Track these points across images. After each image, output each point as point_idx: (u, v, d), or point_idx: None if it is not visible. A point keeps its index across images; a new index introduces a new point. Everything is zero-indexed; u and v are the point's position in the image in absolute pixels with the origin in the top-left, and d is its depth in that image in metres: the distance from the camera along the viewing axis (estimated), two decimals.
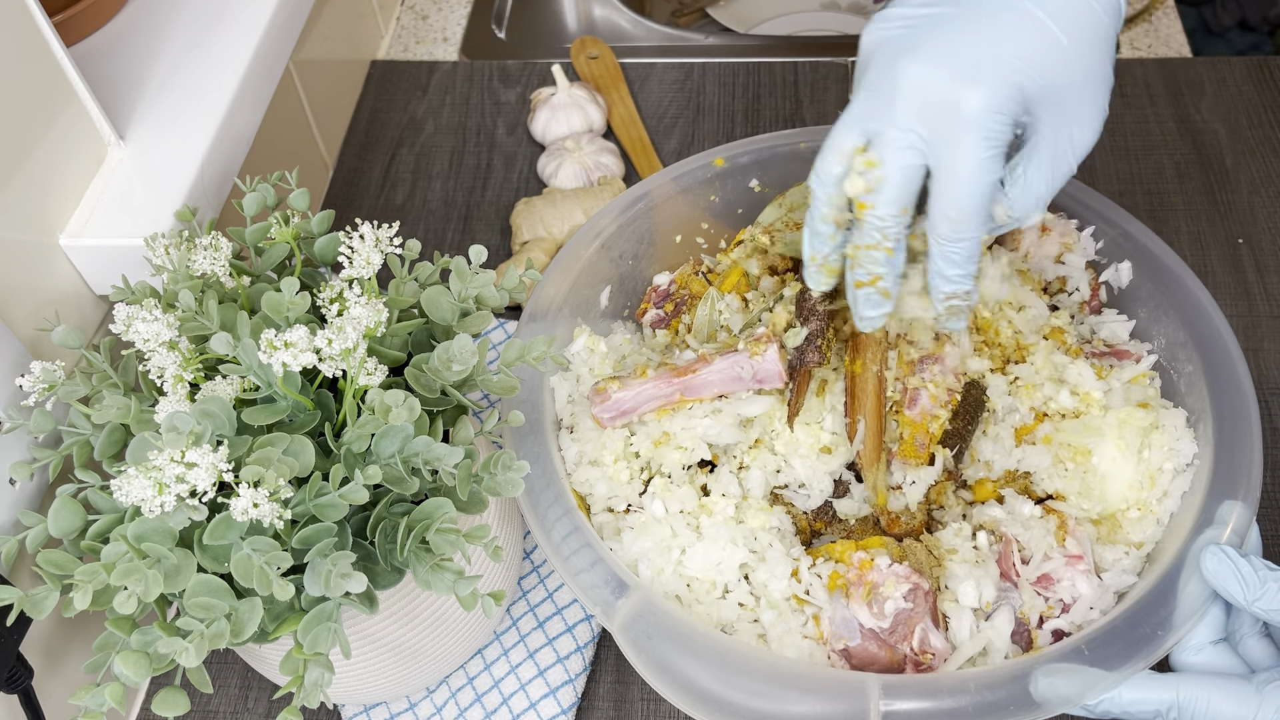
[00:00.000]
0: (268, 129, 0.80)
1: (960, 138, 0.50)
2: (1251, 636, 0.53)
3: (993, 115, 0.49)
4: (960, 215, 0.51)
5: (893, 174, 0.51)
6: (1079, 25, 0.49)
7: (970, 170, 0.50)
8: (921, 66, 0.50)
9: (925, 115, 0.50)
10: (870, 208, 0.53)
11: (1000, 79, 0.49)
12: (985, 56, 0.49)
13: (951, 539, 0.59)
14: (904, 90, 0.50)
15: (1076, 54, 0.49)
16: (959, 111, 0.49)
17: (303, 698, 0.46)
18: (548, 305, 0.68)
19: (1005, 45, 0.49)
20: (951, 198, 0.51)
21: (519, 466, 0.51)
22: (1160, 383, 0.67)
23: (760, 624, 0.58)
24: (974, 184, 0.50)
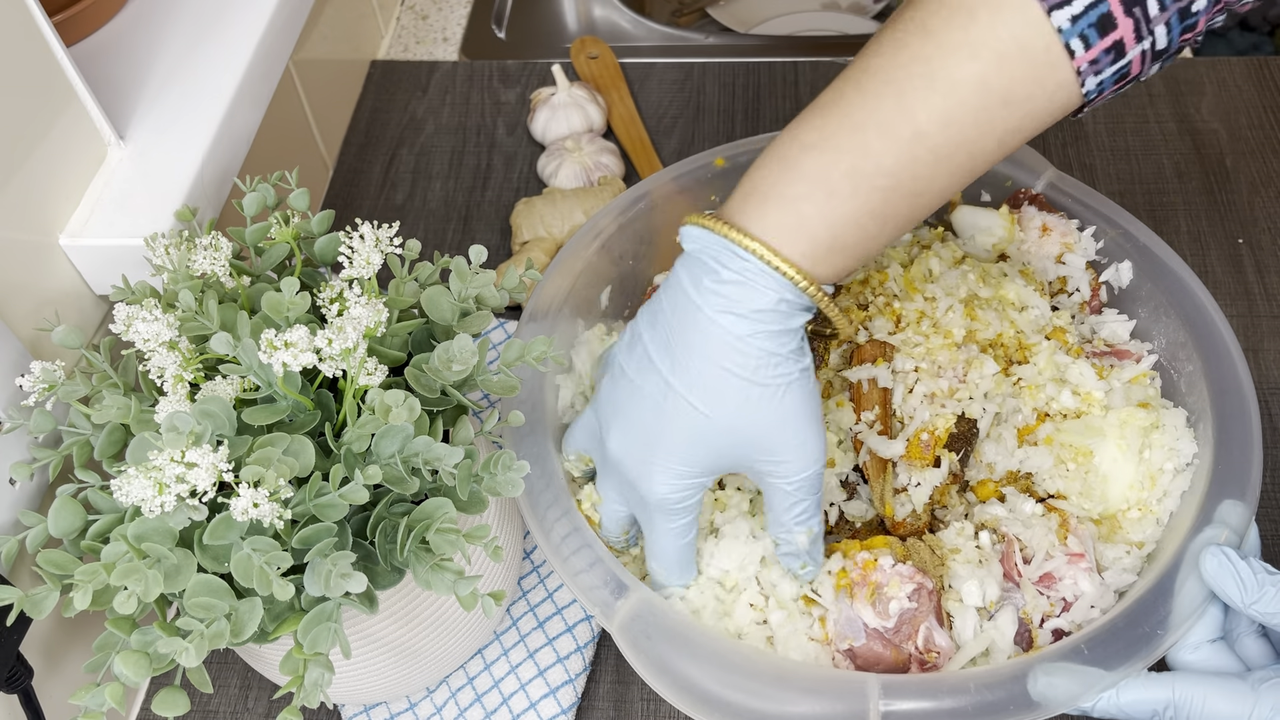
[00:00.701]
0: (268, 129, 0.80)
1: (651, 515, 0.56)
2: (1248, 635, 0.53)
3: (674, 496, 0.55)
4: (659, 569, 0.59)
5: (611, 513, 0.60)
6: (724, 403, 0.52)
7: (663, 538, 0.57)
8: (614, 436, 0.56)
9: (623, 492, 0.58)
10: (597, 525, 0.61)
11: (677, 466, 0.54)
12: (659, 446, 0.54)
13: (954, 539, 0.59)
14: (608, 465, 0.57)
15: (731, 427, 0.52)
16: (647, 497, 0.55)
17: (303, 698, 0.46)
18: (548, 305, 0.68)
19: (673, 433, 0.53)
20: (652, 552, 0.58)
21: (519, 466, 0.51)
22: (1160, 382, 0.67)
23: (768, 626, 0.58)
24: (669, 547, 0.57)
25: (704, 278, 0.51)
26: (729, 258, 0.51)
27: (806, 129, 0.52)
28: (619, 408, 0.55)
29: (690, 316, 0.52)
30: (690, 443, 0.53)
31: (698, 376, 0.52)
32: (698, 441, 0.53)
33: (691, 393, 0.52)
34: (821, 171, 0.50)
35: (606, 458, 0.57)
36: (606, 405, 0.57)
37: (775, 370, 0.51)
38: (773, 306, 0.50)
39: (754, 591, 0.59)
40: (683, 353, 0.52)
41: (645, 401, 0.54)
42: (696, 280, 0.52)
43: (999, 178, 0.75)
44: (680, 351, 0.52)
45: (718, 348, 0.51)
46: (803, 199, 0.50)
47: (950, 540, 0.59)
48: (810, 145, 0.51)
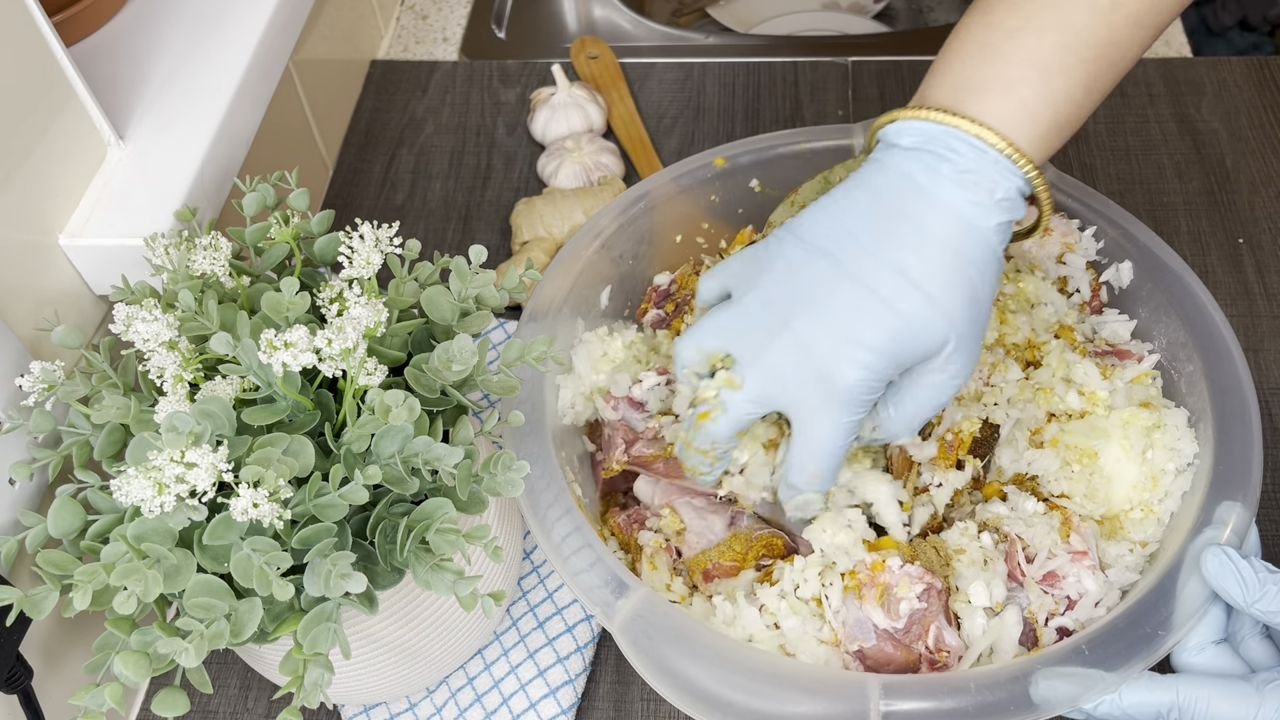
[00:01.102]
0: (268, 129, 0.80)
1: (828, 405, 0.52)
2: (1252, 637, 0.53)
3: (863, 388, 0.52)
4: (817, 471, 0.54)
5: (744, 406, 0.54)
6: (955, 291, 0.51)
7: (831, 434, 0.53)
8: (804, 333, 0.52)
9: (799, 373, 0.52)
10: (711, 422, 0.54)
11: (875, 356, 0.51)
12: (866, 333, 0.51)
13: (958, 539, 0.59)
14: (782, 342, 0.52)
15: (950, 319, 0.51)
16: (832, 384, 0.51)
17: (303, 698, 0.46)
18: (548, 305, 0.68)
19: (883, 325, 0.51)
20: (809, 453, 0.54)
21: (519, 466, 0.51)
22: (1161, 383, 0.67)
23: (780, 632, 0.58)
24: (832, 445, 0.53)
25: (939, 166, 0.51)
26: (964, 148, 0.51)
27: (1005, 14, 0.52)
28: (807, 291, 0.52)
29: (922, 204, 0.51)
30: (898, 330, 0.51)
31: (926, 260, 0.50)
32: (908, 329, 0.51)
33: (922, 277, 0.50)
34: (1033, 53, 0.51)
35: (781, 346, 0.52)
36: (782, 288, 0.53)
37: (996, 265, 0.52)
38: (1012, 196, 0.51)
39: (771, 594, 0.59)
40: (912, 238, 0.50)
41: (847, 285, 0.51)
42: (931, 169, 0.51)
43: None
44: (910, 237, 0.51)
45: (955, 235, 0.50)
46: (1020, 83, 0.51)
47: (954, 540, 0.59)
48: (1015, 29, 0.52)
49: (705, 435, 0.55)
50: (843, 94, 1.01)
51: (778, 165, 0.75)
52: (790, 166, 0.75)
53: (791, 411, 0.54)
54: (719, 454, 0.56)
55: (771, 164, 0.75)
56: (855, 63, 1.04)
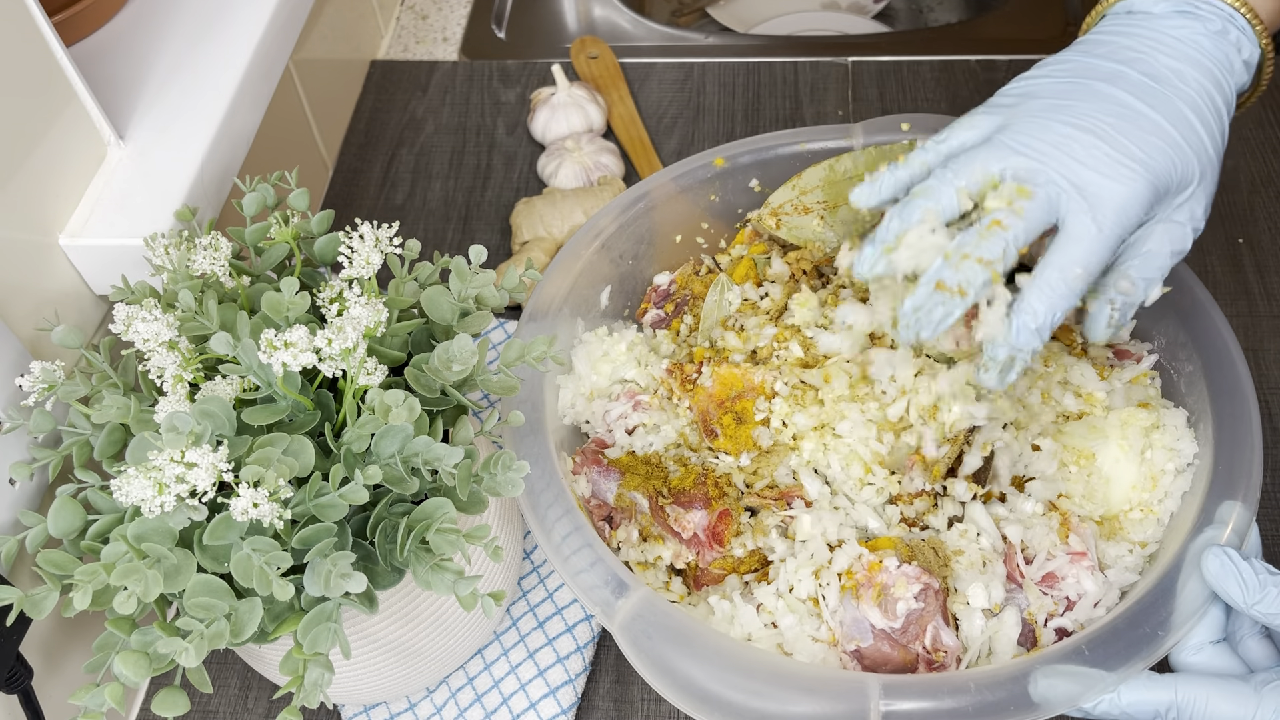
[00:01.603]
0: (268, 129, 0.80)
1: (1098, 215, 0.53)
2: (1251, 637, 0.53)
3: (1134, 204, 0.53)
4: (1075, 274, 0.54)
5: (1040, 214, 0.54)
6: (1208, 132, 0.55)
7: (1098, 241, 0.53)
8: (1087, 141, 0.54)
9: (1084, 183, 0.54)
10: (1006, 229, 0.54)
11: (1150, 173, 0.53)
12: (1143, 151, 0.54)
13: (957, 540, 0.59)
14: (1068, 152, 0.54)
15: (1204, 154, 0.55)
16: (1114, 193, 0.53)
17: (303, 698, 0.46)
18: (548, 305, 0.68)
19: (1156, 145, 0.54)
20: (1072, 256, 0.53)
21: (519, 466, 0.51)
22: (1160, 383, 0.67)
23: (778, 631, 0.58)
24: (1097, 252, 0.53)
25: (1190, 22, 0.57)
26: (1209, 9, 0.57)
27: None
28: (1095, 107, 0.55)
29: (1181, 54, 0.56)
30: (1170, 155, 0.54)
31: (1193, 97, 0.55)
32: (1175, 155, 0.54)
33: (1191, 108, 0.55)
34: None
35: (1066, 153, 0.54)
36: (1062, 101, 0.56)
37: (1228, 117, 0.57)
38: (1251, 59, 0.58)
39: (768, 592, 0.59)
40: (1174, 74, 0.55)
41: (1141, 109, 0.55)
42: (1184, 26, 0.57)
43: None
44: (1172, 73, 0.55)
45: (1211, 85, 0.56)
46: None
47: (953, 542, 0.59)
48: None
49: (996, 243, 0.54)
50: (843, 94, 1.01)
51: (778, 165, 0.75)
52: (790, 166, 0.75)
53: (1068, 219, 0.54)
54: (1003, 268, 0.55)
55: (771, 164, 0.75)
56: (855, 63, 1.04)
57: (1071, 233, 0.54)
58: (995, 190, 0.55)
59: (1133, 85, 0.55)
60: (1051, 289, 0.53)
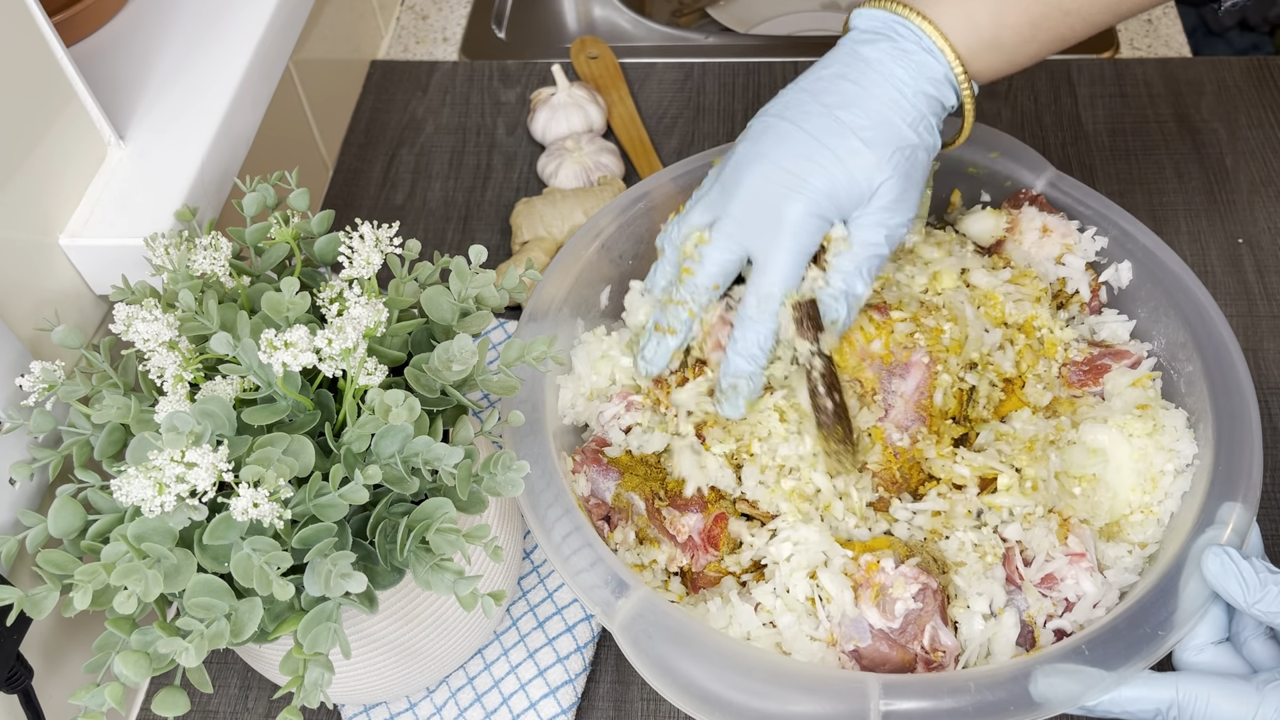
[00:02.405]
0: (268, 129, 0.80)
1: (778, 238, 0.60)
2: (1255, 638, 0.53)
3: (808, 222, 0.60)
4: (767, 294, 0.60)
5: (717, 255, 0.61)
6: (888, 143, 0.59)
7: (781, 269, 0.60)
8: (760, 178, 0.60)
9: (756, 218, 0.60)
10: (691, 275, 0.62)
11: (815, 194, 0.59)
12: (808, 176, 0.59)
13: (956, 553, 0.59)
14: (743, 190, 0.61)
15: (882, 164, 0.59)
16: (781, 219, 0.60)
17: (303, 698, 0.46)
18: (548, 305, 0.68)
19: (824, 169, 0.59)
20: (764, 283, 0.60)
21: (519, 466, 0.51)
22: (1160, 383, 0.67)
23: (777, 630, 0.58)
24: (784, 272, 0.60)
25: (880, 43, 0.61)
26: (906, 33, 0.61)
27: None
28: (764, 148, 0.61)
29: (865, 72, 0.61)
30: (838, 171, 0.59)
31: (866, 115, 0.60)
32: (845, 170, 0.59)
33: (860, 128, 0.59)
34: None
35: (743, 191, 0.61)
36: (750, 152, 0.61)
37: (923, 130, 0.61)
38: (940, 79, 0.61)
39: (765, 591, 0.59)
40: (855, 97, 0.60)
41: (799, 136, 0.60)
42: (873, 45, 0.61)
43: (999, 178, 0.75)
44: (852, 96, 0.60)
45: (888, 95, 0.60)
46: (974, 2, 0.60)
47: (953, 555, 0.59)
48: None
49: (688, 287, 0.63)
50: None
51: None
52: None
53: (752, 251, 0.61)
54: (698, 307, 0.63)
55: None
56: None
57: (757, 265, 0.61)
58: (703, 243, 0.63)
59: (812, 118, 0.60)
60: (748, 319, 0.61)
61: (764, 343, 0.61)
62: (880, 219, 0.60)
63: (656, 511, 0.62)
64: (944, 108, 0.62)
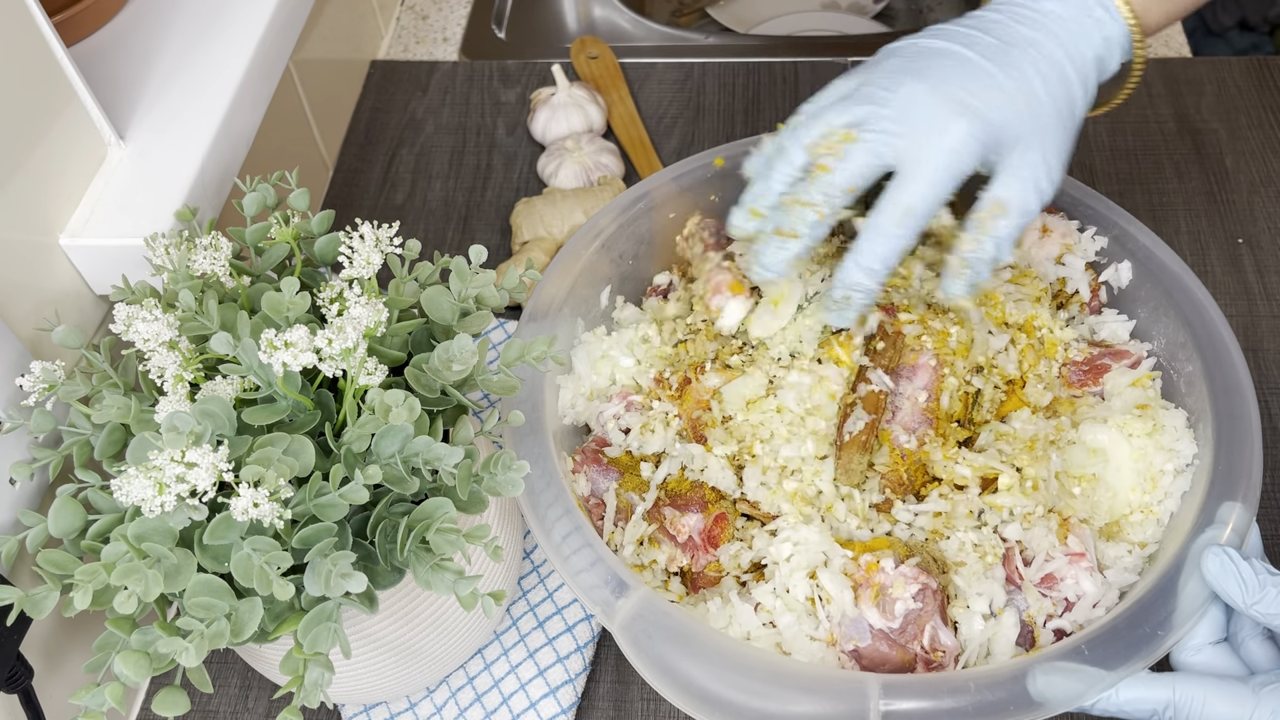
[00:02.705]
0: (268, 129, 0.80)
1: (934, 153, 0.56)
2: (1253, 639, 0.53)
3: (967, 146, 0.56)
4: (907, 213, 0.57)
5: (863, 155, 0.57)
6: (1057, 93, 0.58)
7: (927, 184, 0.57)
8: (924, 88, 0.57)
9: (914, 126, 0.57)
10: (829, 172, 0.58)
11: (981, 119, 0.56)
12: (976, 100, 0.57)
13: (956, 553, 0.59)
14: (903, 97, 0.57)
15: (1048, 111, 0.57)
16: (941, 137, 0.56)
17: (303, 698, 0.46)
18: (548, 305, 0.68)
19: (993, 96, 0.57)
20: (908, 195, 0.57)
21: (519, 466, 0.51)
22: (1160, 383, 0.67)
23: (777, 630, 0.58)
24: (936, 190, 0.57)
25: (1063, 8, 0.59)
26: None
27: None
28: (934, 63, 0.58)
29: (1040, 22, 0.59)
30: (1008, 105, 0.57)
31: (1043, 58, 0.58)
32: (1013, 107, 0.57)
33: (1037, 68, 0.57)
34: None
35: (902, 98, 0.57)
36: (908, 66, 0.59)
37: (1089, 89, 0.59)
38: (1113, 37, 0.59)
39: (765, 591, 0.59)
40: (1031, 40, 0.58)
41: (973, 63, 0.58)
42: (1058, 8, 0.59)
43: None
44: (1027, 38, 0.58)
45: (1065, 55, 0.58)
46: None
47: (953, 555, 0.59)
48: None
49: (820, 186, 0.58)
50: None
51: None
52: None
53: (902, 161, 0.57)
54: (829, 209, 0.59)
55: None
56: (855, 63, 1.04)
57: (902, 175, 0.57)
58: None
59: (983, 47, 0.58)
60: (881, 230, 0.57)
61: (890, 259, 0.58)
62: (1035, 174, 0.58)
63: (657, 511, 0.62)
64: (1106, 71, 0.60)
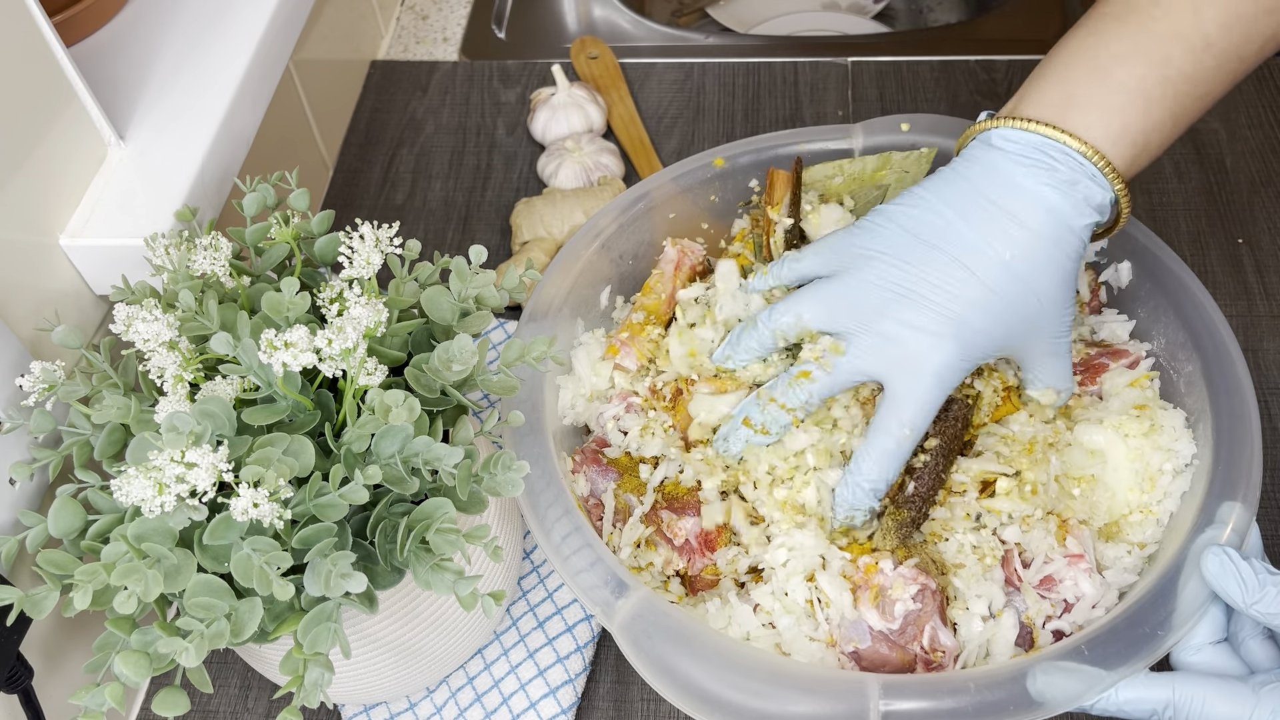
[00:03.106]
0: (268, 129, 0.80)
1: (918, 377, 0.56)
2: (1253, 639, 0.53)
3: (958, 366, 0.57)
4: (904, 435, 0.57)
5: (848, 367, 0.58)
6: (1053, 281, 0.56)
7: (921, 402, 0.57)
8: (909, 307, 0.56)
9: (901, 348, 0.57)
10: (811, 382, 0.58)
11: (978, 337, 0.56)
12: (968, 315, 0.56)
13: (955, 554, 0.59)
14: (889, 321, 0.57)
15: (1045, 305, 0.57)
16: (930, 359, 0.56)
17: (303, 698, 0.46)
18: (548, 305, 0.68)
19: (991, 306, 0.56)
20: (898, 418, 0.57)
21: (519, 466, 0.51)
22: (1160, 383, 0.67)
23: (777, 631, 0.58)
24: (921, 412, 0.57)
25: (1042, 174, 0.56)
26: (1067, 160, 0.56)
27: (1113, 38, 0.56)
28: (911, 277, 0.57)
29: (1024, 204, 0.56)
30: (1001, 315, 0.56)
31: (1031, 257, 0.56)
32: (1008, 312, 0.56)
33: (1026, 273, 0.56)
34: (1138, 82, 0.55)
35: (887, 324, 0.57)
36: (886, 272, 0.57)
37: (1082, 254, 0.57)
38: (1104, 204, 0.57)
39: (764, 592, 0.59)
40: (1017, 233, 0.56)
41: (953, 272, 0.56)
42: (1033, 175, 0.56)
43: None
44: (1014, 233, 0.56)
45: (1054, 234, 0.56)
46: (1124, 109, 0.56)
47: (952, 556, 0.59)
48: (1122, 56, 0.56)
49: (800, 393, 0.59)
50: (843, 94, 1.01)
51: (777, 165, 0.75)
52: (789, 167, 0.75)
53: (887, 380, 0.58)
54: (803, 415, 0.60)
55: (771, 164, 0.75)
56: (855, 63, 1.04)
57: (895, 394, 0.57)
58: (812, 341, 0.60)
59: (964, 247, 0.56)
60: (883, 452, 0.57)
61: (892, 476, 0.58)
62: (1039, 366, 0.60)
63: (655, 513, 0.62)
64: (1096, 227, 0.58)
